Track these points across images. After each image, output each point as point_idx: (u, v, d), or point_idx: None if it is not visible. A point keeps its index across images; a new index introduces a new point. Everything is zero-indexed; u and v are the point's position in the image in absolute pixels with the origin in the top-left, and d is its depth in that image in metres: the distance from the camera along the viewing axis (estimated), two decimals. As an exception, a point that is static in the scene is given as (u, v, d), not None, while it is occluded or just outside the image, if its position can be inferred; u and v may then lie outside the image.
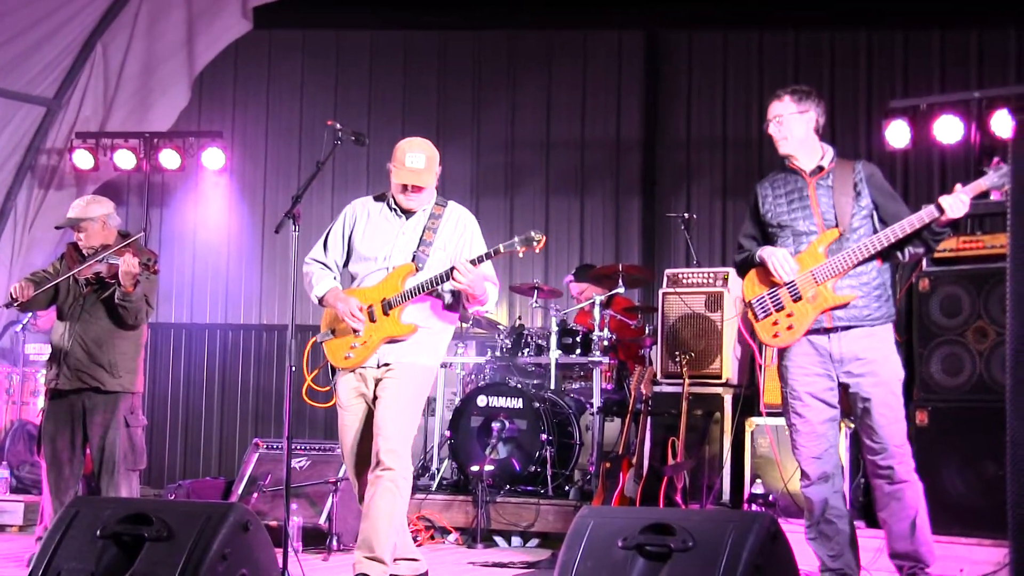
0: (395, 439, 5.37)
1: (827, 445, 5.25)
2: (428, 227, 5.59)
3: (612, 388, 8.46)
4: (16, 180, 10.69)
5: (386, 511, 5.30)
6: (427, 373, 5.63)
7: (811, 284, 5.18)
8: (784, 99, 5.34)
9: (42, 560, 4.28)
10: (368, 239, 5.64)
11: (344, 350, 5.56)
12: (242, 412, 10.84)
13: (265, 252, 10.88)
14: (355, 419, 5.58)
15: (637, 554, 3.93)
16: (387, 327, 5.48)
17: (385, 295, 5.49)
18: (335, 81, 10.98)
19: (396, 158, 5.55)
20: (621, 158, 10.52)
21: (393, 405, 5.42)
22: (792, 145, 5.33)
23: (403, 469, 5.35)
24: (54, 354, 6.47)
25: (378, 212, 5.69)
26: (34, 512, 8.34)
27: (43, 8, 9.93)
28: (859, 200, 5.21)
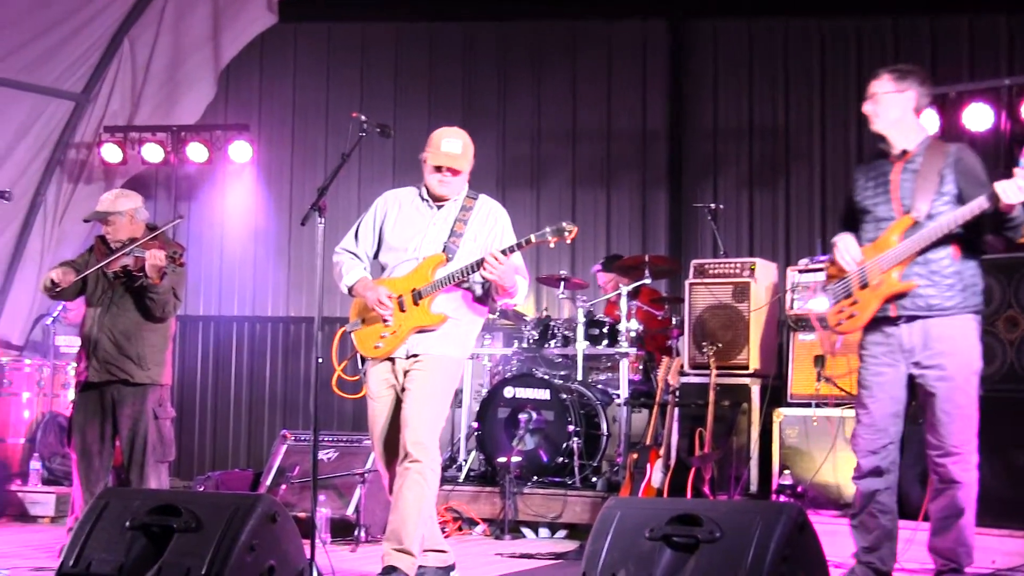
0: (422, 431, 5.38)
1: (887, 441, 5.09)
2: (459, 218, 5.59)
3: (639, 379, 8.45)
4: (46, 174, 10.77)
5: (414, 503, 5.31)
6: (455, 365, 5.63)
7: (877, 271, 5.02)
8: (882, 77, 5.15)
9: (73, 551, 4.31)
10: (399, 230, 5.65)
11: (374, 339, 5.57)
12: (270, 404, 10.87)
13: (292, 244, 10.90)
14: (384, 409, 5.59)
15: (664, 545, 3.93)
16: (417, 316, 5.48)
17: (415, 285, 5.50)
18: (360, 73, 10.99)
19: (431, 143, 5.57)
20: (647, 149, 10.48)
21: (421, 397, 5.43)
22: (883, 124, 5.13)
23: (431, 461, 5.36)
24: (83, 347, 6.51)
25: (410, 203, 5.70)
26: (65, 503, 8.39)
27: (71, 4, 10.00)
28: (942, 186, 4.98)
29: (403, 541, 5.30)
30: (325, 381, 5.54)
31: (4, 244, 10.63)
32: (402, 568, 5.29)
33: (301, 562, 4.44)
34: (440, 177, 5.54)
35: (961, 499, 5.00)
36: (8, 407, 9.31)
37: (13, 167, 10.35)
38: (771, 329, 8.13)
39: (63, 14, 9.93)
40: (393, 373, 5.55)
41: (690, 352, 8.02)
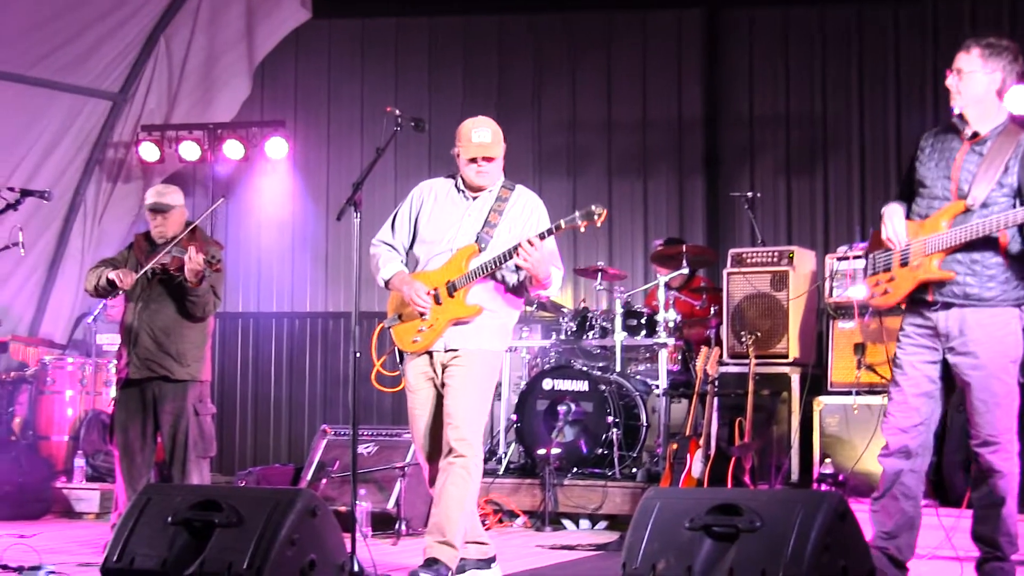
0: (465, 427, 5.39)
1: (917, 420, 4.97)
2: (494, 209, 5.58)
3: (678, 369, 8.42)
4: (85, 174, 10.85)
5: (457, 497, 5.34)
6: (494, 358, 5.63)
7: (920, 252, 4.88)
8: (972, 52, 4.91)
9: (116, 546, 4.35)
10: (434, 222, 5.65)
11: (412, 334, 5.58)
12: (309, 399, 10.92)
13: (329, 240, 10.93)
14: (424, 402, 5.60)
15: (704, 535, 3.92)
16: (453, 309, 5.49)
17: (449, 277, 5.50)
18: (395, 68, 11.00)
19: (462, 136, 5.58)
20: (683, 137, 10.44)
21: (462, 393, 5.44)
22: (964, 101, 4.91)
23: (474, 456, 5.39)
24: (123, 344, 6.56)
25: (445, 194, 5.70)
26: (109, 499, 8.46)
27: (107, 4, 10.06)
28: (1005, 176, 4.81)
29: (446, 534, 5.32)
30: (364, 376, 5.56)
31: (45, 244, 10.72)
32: (444, 560, 5.30)
33: (342, 556, 4.46)
34: (477, 168, 5.55)
35: (1002, 488, 4.91)
36: (52, 405, 9.38)
37: (53, 167, 10.44)
38: (810, 317, 8.09)
39: (99, 14, 9.99)
40: (431, 367, 5.55)
41: (729, 341, 7.99)
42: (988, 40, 4.94)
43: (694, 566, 3.88)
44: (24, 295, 10.71)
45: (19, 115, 10.06)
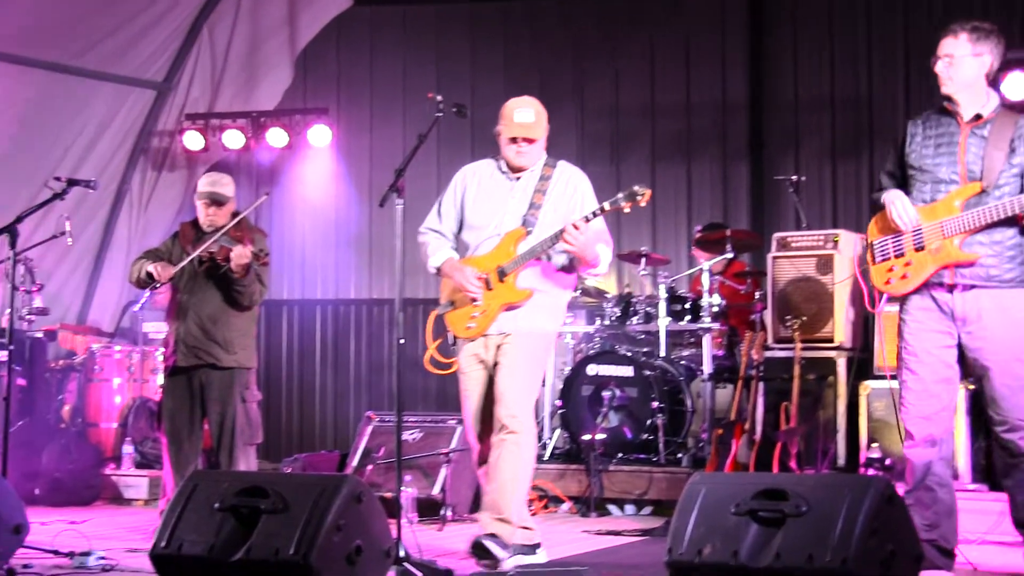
0: (515, 405, 5.45)
1: (939, 407, 4.94)
2: (538, 189, 5.60)
3: (723, 354, 8.39)
4: (130, 163, 10.93)
5: (510, 473, 5.41)
6: (546, 338, 5.68)
7: (938, 235, 4.85)
8: (960, 37, 4.92)
9: (164, 532, 4.38)
10: (479, 207, 5.68)
11: (465, 320, 5.63)
12: (355, 386, 10.95)
13: (373, 227, 10.95)
14: (475, 384, 5.65)
15: (750, 520, 3.91)
16: (504, 294, 5.52)
17: (499, 262, 5.54)
18: (436, 55, 10.99)
19: (504, 116, 5.61)
20: (727, 122, 10.37)
21: (512, 371, 5.50)
22: (955, 87, 4.93)
23: (526, 432, 5.44)
24: (170, 332, 6.61)
25: (488, 177, 5.73)
26: (157, 486, 8.52)
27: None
28: (1012, 157, 4.82)
29: (502, 511, 5.39)
30: (408, 362, 5.59)
31: (92, 233, 10.81)
32: (502, 536, 5.37)
33: (388, 542, 4.47)
34: (517, 148, 5.57)
35: None
36: (100, 393, 9.47)
37: (98, 157, 10.52)
38: (856, 301, 8.03)
39: (143, 5, 10.05)
40: (484, 348, 5.60)
41: (774, 326, 7.94)
42: (973, 24, 4.97)
43: (740, 551, 3.86)
44: (72, 284, 10.81)
45: (65, 105, 10.14)
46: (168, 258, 6.62)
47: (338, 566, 4.15)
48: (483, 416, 5.62)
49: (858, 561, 3.68)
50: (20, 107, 9.82)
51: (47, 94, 9.98)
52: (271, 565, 4.12)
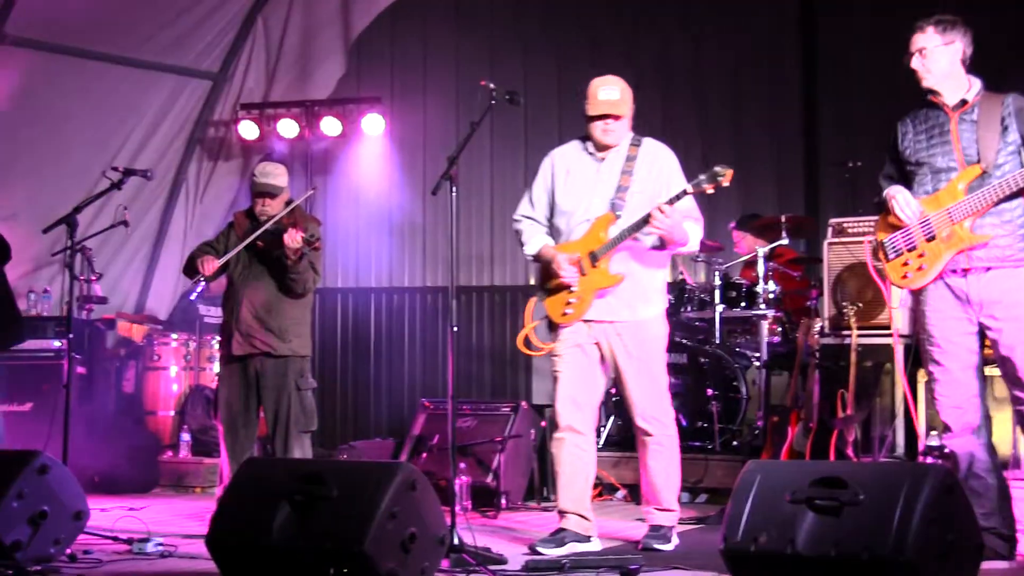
0: (645, 405, 5.64)
1: (969, 394, 4.94)
2: (624, 170, 5.66)
3: (778, 341, 8.32)
4: (186, 153, 11.01)
5: (658, 469, 5.67)
6: (652, 325, 5.72)
7: (946, 223, 4.89)
8: (927, 31, 5.10)
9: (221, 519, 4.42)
10: (568, 192, 5.74)
11: (561, 306, 5.70)
12: (409, 373, 10.97)
13: (426, 215, 10.96)
14: (568, 367, 5.74)
15: (806, 508, 3.88)
16: (597, 279, 5.59)
17: (590, 247, 5.61)
18: (489, 42, 10.96)
19: (589, 95, 5.67)
20: (781, 107, 10.28)
21: (634, 371, 5.64)
22: (935, 79, 5.08)
23: (663, 428, 5.66)
24: (226, 321, 6.65)
25: (576, 160, 5.78)
26: (214, 473, 8.61)
27: (206, -15, 10.19)
28: (1006, 135, 4.90)
29: (661, 502, 5.68)
30: (462, 349, 5.60)
31: (149, 223, 10.90)
32: (666, 524, 5.65)
33: (442, 529, 4.48)
34: (603, 126, 5.63)
35: None
36: (158, 381, 9.56)
37: (155, 147, 10.61)
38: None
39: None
40: (583, 334, 5.67)
41: (829, 312, 7.87)
42: (937, 17, 5.15)
43: (796, 540, 3.83)
44: (130, 273, 10.91)
45: (123, 96, 10.23)
46: (224, 248, 6.66)
47: (392, 553, 4.16)
48: (571, 400, 5.72)
49: (917, 551, 3.64)
50: (78, 98, 9.92)
51: (105, 86, 10.07)
52: (326, 552, 4.14)
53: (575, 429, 5.68)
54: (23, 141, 9.57)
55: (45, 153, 9.73)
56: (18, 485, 5.00)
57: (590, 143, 5.74)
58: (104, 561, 5.27)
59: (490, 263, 10.66)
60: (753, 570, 3.96)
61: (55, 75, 9.71)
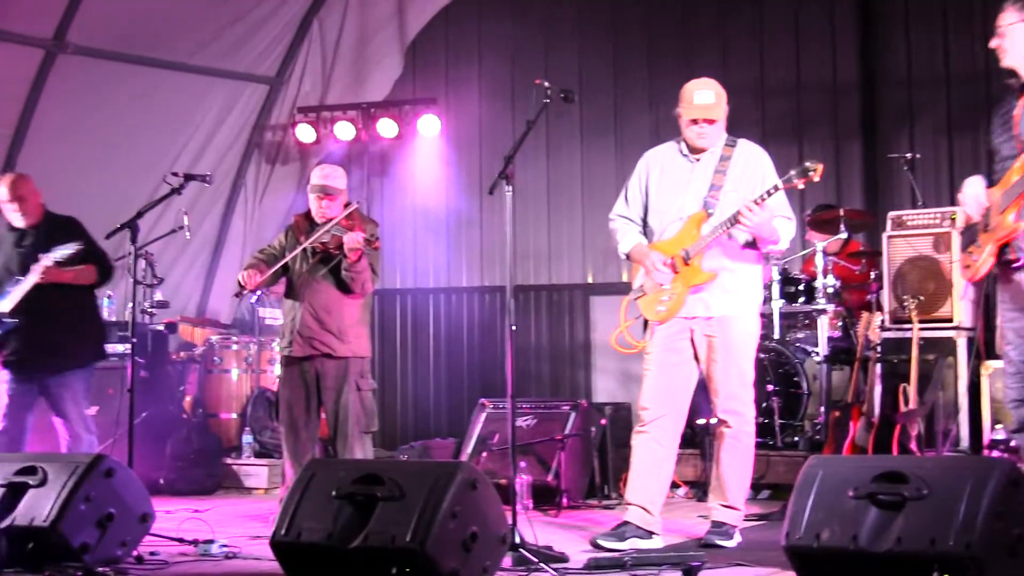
0: (729, 398, 5.70)
1: None
2: (718, 170, 5.70)
3: (839, 336, 8.26)
4: (245, 157, 11.10)
5: (731, 464, 5.72)
6: (745, 321, 5.77)
7: (996, 212, 4.78)
8: (1008, 10, 4.92)
9: (284, 520, 4.46)
10: (662, 192, 5.80)
11: (655, 304, 5.76)
12: (468, 373, 10.99)
13: (483, 214, 10.97)
14: (657, 365, 5.78)
15: (869, 503, 3.85)
16: (690, 276, 5.64)
17: (683, 245, 5.67)
18: (544, 41, 10.96)
19: (684, 98, 5.72)
20: (839, 100, 10.18)
21: (721, 365, 5.69)
22: (1013, 58, 4.90)
23: (742, 423, 5.72)
24: (286, 323, 6.70)
25: (670, 161, 5.83)
26: (277, 475, 8.68)
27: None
28: None
29: (728, 499, 5.71)
30: (521, 348, 5.61)
31: (209, 227, 11.00)
32: (729, 522, 5.68)
33: (503, 528, 4.49)
34: (698, 130, 5.66)
35: None
36: (220, 384, 9.64)
37: (214, 152, 10.71)
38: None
39: (255, 2, 10.20)
40: (677, 332, 5.72)
41: (890, 306, 7.81)
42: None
43: (859, 535, 3.81)
44: (191, 277, 11.02)
45: (182, 103, 10.34)
46: (282, 251, 6.71)
47: (454, 553, 4.18)
48: (657, 397, 5.75)
49: (983, 545, 3.61)
50: (138, 105, 10.04)
51: (164, 92, 10.18)
52: (388, 552, 4.16)
53: (658, 426, 5.73)
54: (85, 148, 9.70)
55: (107, 160, 9.86)
56: (85, 488, 5.08)
57: (684, 144, 5.76)
58: (170, 563, 5.34)
59: (547, 262, 10.66)
60: (816, 566, 3.94)
61: (116, 83, 9.83)
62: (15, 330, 6.74)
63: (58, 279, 6.62)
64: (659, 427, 5.72)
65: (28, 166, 8.97)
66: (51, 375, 6.80)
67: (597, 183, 10.29)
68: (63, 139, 9.54)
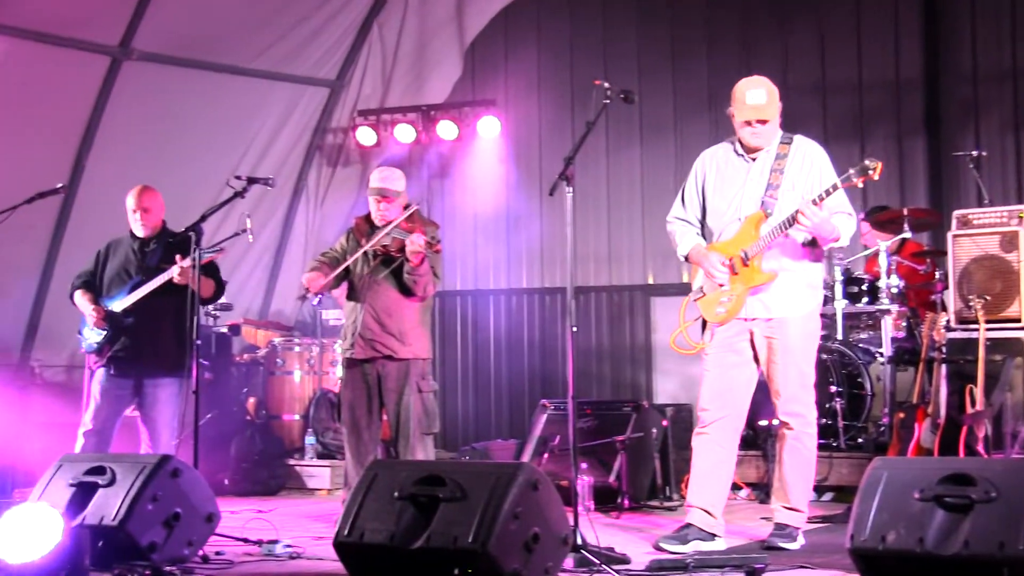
0: (790, 401, 5.66)
1: None
2: (774, 169, 5.67)
3: (903, 336, 8.18)
4: (306, 160, 11.19)
5: (793, 465, 5.68)
6: (806, 321, 5.74)
7: None
8: None
9: (347, 521, 4.48)
10: (719, 192, 5.78)
11: (715, 306, 5.74)
12: (529, 374, 11.00)
13: (543, 215, 10.97)
14: (716, 367, 5.76)
15: (936, 505, 3.81)
16: (749, 277, 5.62)
17: (742, 246, 5.64)
18: (603, 42, 10.94)
19: (736, 98, 5.68)
20: (902, 97, 10.08)
21: (781, 367, 5.64)
22: None
23: (804, 424, 5.68)
24: (347, 325, 6.73)
25: (725, 162, 5.80)
26: (339, 476, 8.73)
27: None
28: None
29: (790, 500, 5.67)
30: (582, 349, 5.60)
31: (272, 229, 11.10)
32: (792, 524, 5.65)
33: (565, 529, 4.49)
34: (751, 130, 5.64)
35: None
36: (283, 386, 9.71)
37: (276, 155, 10.80)
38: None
39: (315, 5, 10.26)
40: (735, 333, 5.69)
41: (956, 306, 7.71)
42: None
43: (926, 538, 3.77)
44: (253, 279, 11.12)
45: (244, 106, 10.44)
46: (344, 254, 6.74)
47: (516, 553, 4.19)
48: (716, 399, 5.73)
49: (1052, 548, 3.56)
50: (201, 110, 10.15)
51: (227, 96, 10.28)
52: (450, 553, 4.17)
53: (718, 427, 5.70)
54: (150, 152, 9.81)
55: (171, 164, 9.96)
56: (152, 488, 5.14)
57: (739, 143, 5.74)
58: (235, 562, 5.38)
59: (607, 263, 10.64)
60: (882, 569, 3.91)
61: (179, 88, 9.95)
62: (124, 329, 6.87)
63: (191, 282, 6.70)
64: (719, 428, 5.69)
65: (96, 170, 9.12)
66: (149, 377, 6.90)
67: (657, 183, 10.25)
68: (129, 143, 9.67)
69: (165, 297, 6.80)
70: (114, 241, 7.20)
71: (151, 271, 6.87)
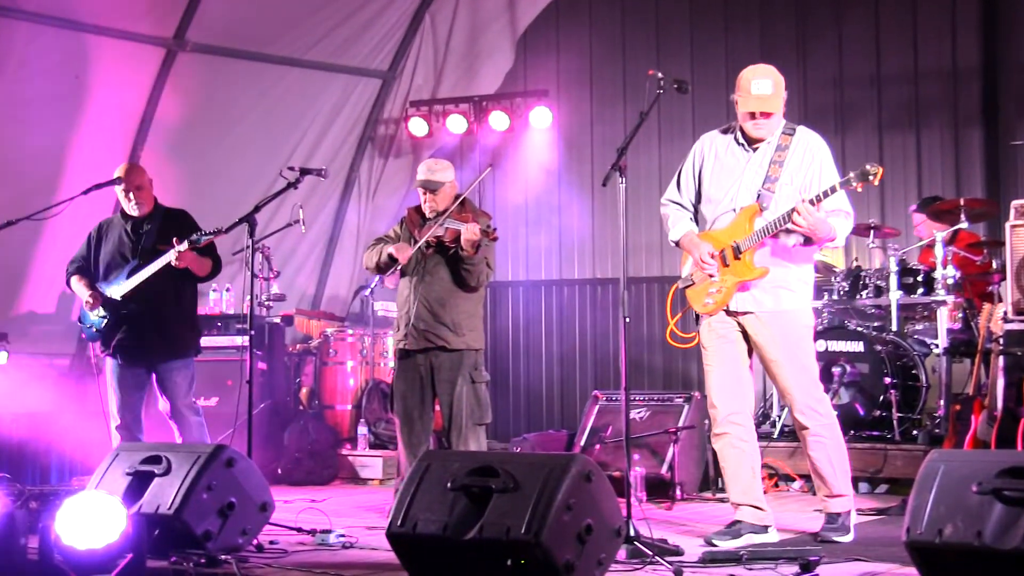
0: (799, 399, 5.58)
1: None
2: (774, 161, 5.55)
3: (959, 327, 8.10)
4: (358, 151, 11.24)
5: (821, 458, 5.60)
6: (798, 316, 5.64)
7: None
8: None
9: (399, 511, 4.49)
10: (715, 179, 5.68)
11: (703, 296, 5.66)
12: (581, 365, 11.00)
13: (595, 206, 10.95)
14: (717, 359, 5.68)
15: (994, 499, 3.76)
16: (739, 271, 5.53)
17: (735, 238, 5.54)
18: (655, 31, 10.91)
19: (741, 87, 5.56)
20: (958, 87, 9.97)
21: (784, 364, 5.56)
22: None
23: (818, 419, 5.58)
24: (400, 315, 6.74)
25: (725, 148, 5.71)
26: (392, 466, 8.78)
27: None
28: None
29: (832, 489, 5.60)
30: (634, 340, 5.59)
31: (324, 220, 11.16)
32: (841, 511, 5.61)
33: (617, 520, 4.48)
34: (754, 123, 5.54)
35: None
36: (335, 376, 9.77)
37: (329, 146, 10.85)
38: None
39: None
40: (726, 325, 5.62)
41: (1013, 297, 7.61)
42: None
43: (984, 531, 3.73)
44: (306, 270, 11.19)
45: (297, 97, 10.50)
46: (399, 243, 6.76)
47: (569, 545, 4.18)
48: (724, 391, 5.65)
49: (1112, 543, 3.51)
50: (255, 101, 10.22)
51: (280, 88, 10.35)
52: (503, 544, 4.17)
53: (733, 422, 5.62)
54: (204, 143, 9.90)
55: (225, 155, 10.06)
56: (207, 478, 5.19)
57: (740, 132, 5.64)
58: (289, 552, 5.42)
59: (659, 253, 10.60)
60: (939, 562, 3.87)
61: (233, 79, 10.02)
62: (127, 317, 6.91)
63: (191, 264, 6.76)
64: (734, 424, 5.61)
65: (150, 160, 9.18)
66: (161, 361, 6.96)
67: (710, 174, 10.19)
68: (183, 134, 9.75)
69: (166, 280, 6.85)
70: (105, 222, 7.22)
71: (148, 253, 6.89)
